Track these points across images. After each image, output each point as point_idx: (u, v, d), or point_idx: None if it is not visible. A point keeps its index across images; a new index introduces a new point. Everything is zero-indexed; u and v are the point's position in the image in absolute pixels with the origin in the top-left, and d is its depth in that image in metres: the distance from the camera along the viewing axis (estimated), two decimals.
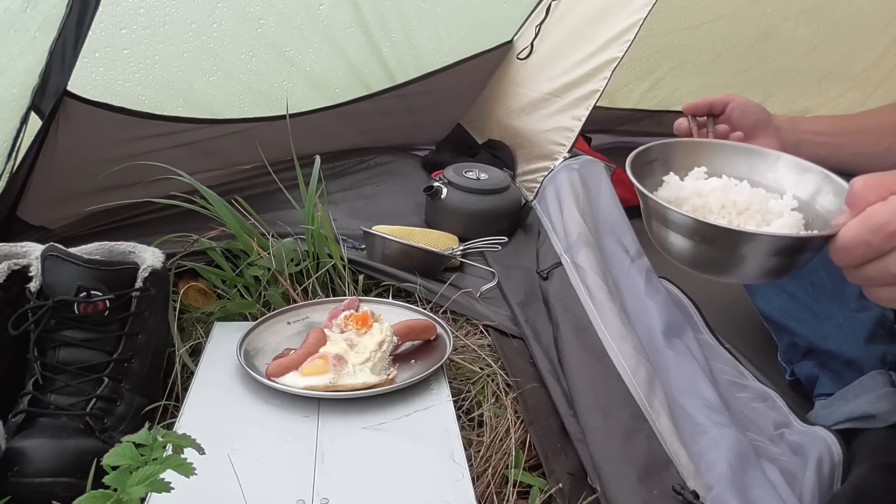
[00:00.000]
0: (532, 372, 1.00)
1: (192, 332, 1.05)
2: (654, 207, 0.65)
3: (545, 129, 1.50)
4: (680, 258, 0.66)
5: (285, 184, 1.27)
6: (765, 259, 0.60)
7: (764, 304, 1.10)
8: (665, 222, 0.65)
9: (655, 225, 0.67)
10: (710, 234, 0.61)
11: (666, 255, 0.68)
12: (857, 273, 0.55)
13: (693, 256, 0.64)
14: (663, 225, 0.65)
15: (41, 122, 1.15)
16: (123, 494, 0.56)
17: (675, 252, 0.65)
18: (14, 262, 0.85)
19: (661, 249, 0.68)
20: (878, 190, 0.53)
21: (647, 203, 0.67)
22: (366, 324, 0.96)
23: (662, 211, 0.64)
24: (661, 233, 0.66)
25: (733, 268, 0.62)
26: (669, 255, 0.67)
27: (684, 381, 0.96)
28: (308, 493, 0.71)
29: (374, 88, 1.61)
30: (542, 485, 0.83)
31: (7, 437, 0.75)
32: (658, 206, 0.64)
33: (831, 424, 0.97)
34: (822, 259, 1.02)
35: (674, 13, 1.94)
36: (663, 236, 0.66)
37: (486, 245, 1.34)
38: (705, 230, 0.61)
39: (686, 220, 0.62)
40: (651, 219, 0.68)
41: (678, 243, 0.64)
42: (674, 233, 0.64)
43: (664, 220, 0.65)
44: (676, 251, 0.65)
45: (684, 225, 0.62)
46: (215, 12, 1.28)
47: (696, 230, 0.62)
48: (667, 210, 0.63)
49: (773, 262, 0.60)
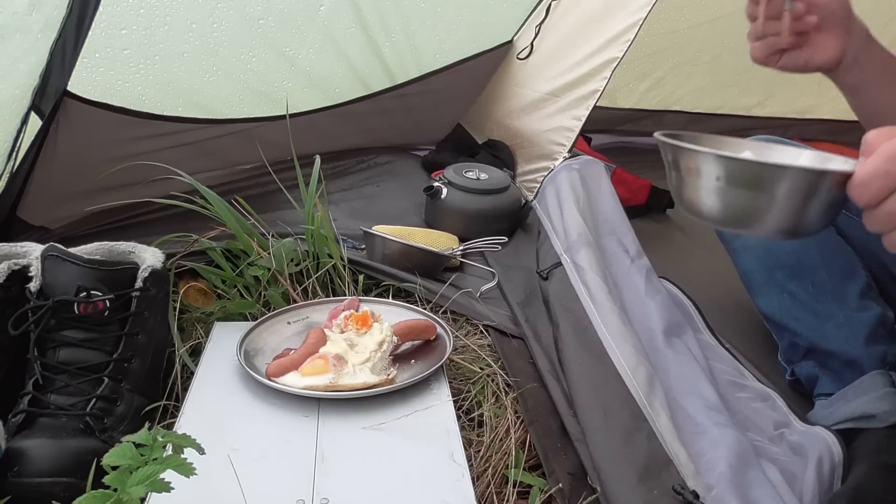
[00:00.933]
0: (532, 372, 1.00)
1: (192, 332, 1.05)
2: (684, 158, 0.66)
3: (545, 129, 1.50)
4: (710, 211, 0.66)
5: (285, 184, 1.27)
6: (790, 200, 0.60)
7: (764, 303, 1.10)
8: (694, 172, 0.65)
9: (685, 181, 0.67)
10: (739, 173, 0.62)
11: (696, 217, 0.68)
12: (878, 212, 0.54)
13: (722, 205, 0.64)
14: (692, 176, 0.66)
15: (41, 122, 1.15)
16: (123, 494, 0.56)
17: (705, 206, 0.66)
18: (14, 262, 0.85)
19: (691, 210, 0.68)
20: (891, 134, 0.54)
21: (677, 156, 0.67)
22: (366, 324, 0.96)
23: (692, 158, 0.64)
24: (691, 188, 0.66)
25: (760, 213, 0.62)
26: (700, 214, 0.67)
27: (684, 381, 0.96)
28: (308, 493, 0.71)
29: (374, 88, 1.61)
30: (542, 485, 0.83)
31: (7, 437, 0.75)
32: (688, 153, 0.65)
33: (831, 424, 0.97)
34: (822, 258, 1.03)
35: (674, 13, 1.95)
36: (693, 192, 0.66)
37: (486, 245, 1.34)
38: (734, 167, 0.62)
39: (717, 159, 0.62)
40: (679, 176, 0.68)
41: (708, 194, 0.65)
42: (704, 184, 0.64)
43: (693, 169, 0.65)
44: (707, 205, 0.65)
45: (714, 167, 0.63)
46: (215, 12, 1.28)
47: (727, 169, 0.62)
48: (697, 154, 0.64)
49: (797, 204, 0.61)
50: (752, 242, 1.09)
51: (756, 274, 1.10)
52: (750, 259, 1.10)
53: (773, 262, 1.07)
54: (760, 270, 1.09)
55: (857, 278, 1.03)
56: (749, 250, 1.10)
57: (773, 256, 1.07)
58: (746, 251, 1.11)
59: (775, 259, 1.07)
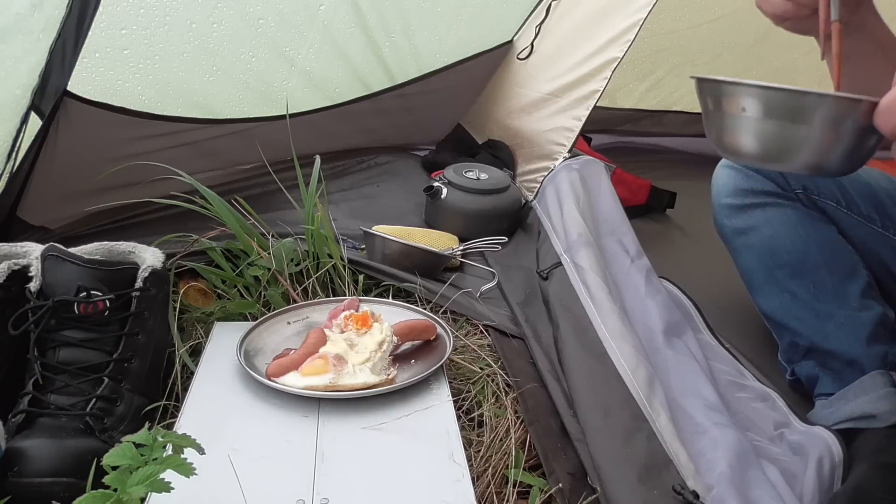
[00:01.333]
0: (532, 372, 1.00)
1: (192, 332, 1.05)
2: (725, 93, 0.68)
3: (545, 129, 1.50)
4: (750, 146, 0.68)
5: (285, 184, 1.27)
6: (826, 128, 0.64)
7: (765, 303, 1.10)
8: (735, 106, 0.67)
9: (725, 119, 0.69)
10: (780, 102, 0.65)
11: (735, 157, 0.72)
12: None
13: (763, 137, 0.67)
14: (732, 111, 0.68)
15: (41, 122, 1.15)
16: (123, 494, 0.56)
17: (745, 141, 0.68)
18: (14, 262, 0.85)
19: (731, 149, 0.71)
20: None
21: (718, 93, 0.69)
22: (366, 324, 0.96)
23: (734, 92, 0.67)
24: (730, 124, 0.69)
25: (796, 144, 0.65)
26: (739, 151, 0.70)
27: (684, 381, 0.97)
28: (308, 493, 0.71)
29: (374, 88, 1.61)
30: (542, 485, 0.83)
31: (7, 437, 0.75)
32: (730, 87, 0.67)
33: (832, 424, 0.97)
34: (823, 258, 1.04)
35: (674, 13, 1.94)
36: (733, 128, 0.69)
37: (486, 245, 1.34)
38: (775, 97, 0.65)
39: (759, 91, 0.65)
40: (720, 114, 0.70)
41: (749, 128, 0.67)
42: (746, 117, 0.67)
43: (734, 103, 0.67)
44: (747, 140, 0.68)
45: (756, 98, 0.66)
46: (215, 12, 1.27)
47: (768, 100, 0.65)
48: (739, 87, 0.66)
49: (831, 133, 0.64)
50: (754, 241, 1.09)
51: (757, 273, 1.10)
52: (751, 258, 1.10)
53: (774, 261, 1.07)
54: (761, 269, 1.09)
55: (859, 278, 1.03)
56: (750, 249, 1.10)
57: (773, 255, 1.07)
58: (747, 250, 1.11)
59: (776, 258, 1.07)
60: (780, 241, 1.06)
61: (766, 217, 1.08)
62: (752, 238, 1.09)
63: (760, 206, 1.08)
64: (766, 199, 1.08)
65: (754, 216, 1.09)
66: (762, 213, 1.08)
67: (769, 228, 1.07)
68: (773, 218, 1.07)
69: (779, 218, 1.07)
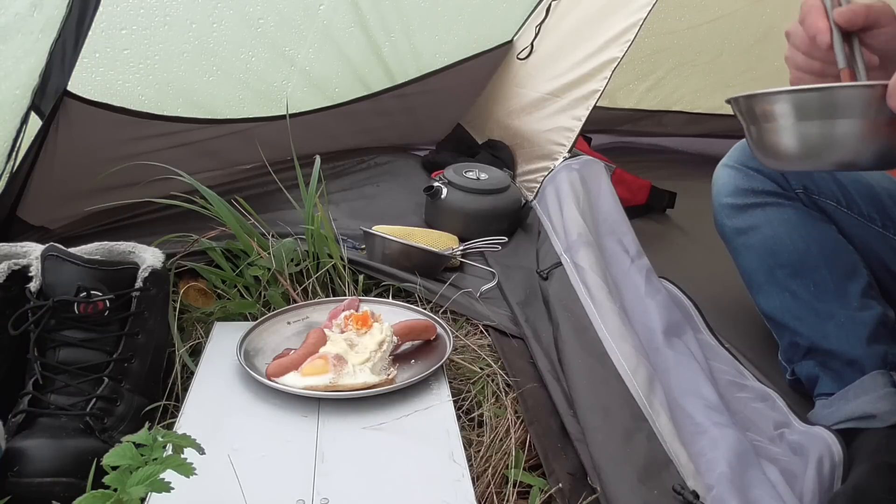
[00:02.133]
0: (532, 372, 1.00)
1: (192, 332, 1.05)
2: (759, 103, 0.70)
3: (545, 129, 1.50)
4: (791, 149, 0.70)
5: (285, 184, 1.27)
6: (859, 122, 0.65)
7: (765, 302, 1.10)
8: (771, 116, 0.70)
9: (762, 129, 0.71)
10: (808, 103, 0.67)
11: (779, 165, 0.75)
12: None
13: (802, 142, 0.69)
14: (769, 120, 0.70)
15: (41, 122, 1.15)
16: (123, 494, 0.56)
17: (786, 146, 0.70)
18: (14, 262, 0.85)
19: (775, 156, 0.72)
20: None
21: (751, 105, 0.71)
22: (366, 324, 0.96)
23: (766, 102, 0.69)
24: (769, 133, 0.70)
25: (835, 141, 0.67)
26: (782, 156, 0.72)
27: (684, 381, 0.96)
28: (308, 493, 0.71)
29: (374, 88, 1.61)
30: (542, 485, 0.83)
31: (7, 437, 0.75)
32: (763, 98, 0.70)
33: (832, 424, 0.97)
34: (824, 257, 1.03)
35: (674, 13, 1.95)
36: (772, 135, 0.70)
37: (486, 245, 1.34)
38: (804, 98, 0.67)
39: (789, 95, 0.68)
40: (758, 126, 0.72)
41: (787, 133, 0.69)
42: (782, 124, 0.69)
43: (769, 112, 0.70)
44: (788, 144, 0.70)
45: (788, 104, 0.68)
46: (215, 12, 1.28)
47: (798, 102, 0.67)
48: (771, 95, 0.69)
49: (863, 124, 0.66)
50: (754, 241, 1.09)
51: (757, 273, 1.10)
52: (751, 258, 1.10)
53: (775, 261, 1.07)
54: (761, 269, 1.09)
55: (859, 278, 1.03)
56: (750, 249, 1.10)
57: (774, 255, 1.07)
58: (747, 250, 1.11)
59: (776, 258, 1.07)
60: (780, 240, 1.06)
61: (766, 217, 1.08)
62: (753, 238, 1.09)
63: (761, 205, 1.08)
64: (767, 199, 1.08)
65: (755, 216, 1.09)
66: (762, 213, 1.08)
67: (769, 228, 1.07)
68: (774, 218, 1.07)
69: (779, 218, 1.07)
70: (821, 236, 1.05)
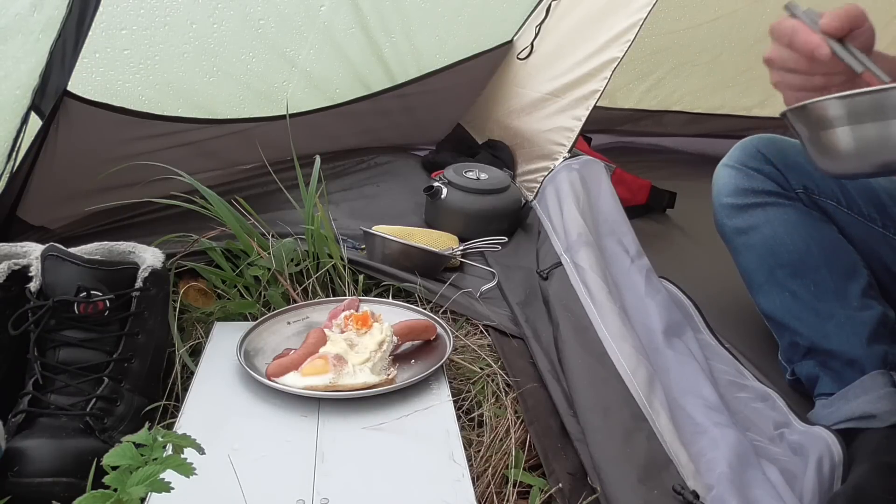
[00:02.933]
0: (532, 372, 1.00)
1: (192, 332, 1.05)
2: (815, 112, 0.69)
3: (545, 129, 1.50)
4: (851, 157, 0.69)
5: (285, 184, 1.27)
6: None
7: (765, 302, 1.10)
8: (826, 122, 0.68)
9: (820, 137, 0.70)
10: (861, 107, 0.66)
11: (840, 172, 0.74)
12: None
13: (860, 146, 0.68)
14: (826, 126, 0.69)
15: (41, 122, 1.15)
16: (123, 494, 0.56)
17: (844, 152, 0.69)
18: (14, 262, 0.85)
19: (829, 165, 0.72)
20: None
21: (806, 113, 0.70)
22: (366, 324, 0.96)
23: (822, 108, 0.68)
24: (826, 141, 0.69)
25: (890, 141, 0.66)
26: (839, 166, 0.71)
27: (684, 381, 0.97)
28: (308, 493, 0.71)
29: (374, 88, 1.61)
30: (542, 485, 0.83)
31: (7, 437, 0.75)
32: (818, 105, 0.68)
33: (831, 424, 0.97)
34: (824, 257, 1.03)
35: (674, 13, 1.95)
36: (828, 145, 0.69)
37: (486, 245, 1.34)
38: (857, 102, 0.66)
39: (841, 100, 0.67)
40: (815, 135, 0.70)
41: (845, 138, 0.68)
42: (838, 131, 0.68)
43: (824, 118, 0.68)
44: (847, 151, 0.69)
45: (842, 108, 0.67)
46: (216, 13, 1.28)
47: (852, 106, 0.66)
48: (826, 101, 0.68)
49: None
50: (754, 241, 1.09)
51: (757, 273, 1.10)
52: (751, 258, 1.10)
53: (775, 261, 1.07)
54: (761, 269, 1.09)
55: (859, 277, 1.03)
56: (750, 249, 1.10)
57: (774, 255, 1.07)
58: (748, 250, 1.11)
59: (777, 258, 1.07)
60: (780, 240, 1.06)
61: (766, 217, 1.08)
62: (753, 238, 1.09)
63: (761, 205, 1.08)
64: (767, 199, 1.08)
65: (755, 216, 1.09)
66: (763, 213, 1.08)
67: (770, 228, 1.07)
68: (774, 217, 1.07)
69: (779, 217, 1.07)
70: (821, 236, 1.05)
